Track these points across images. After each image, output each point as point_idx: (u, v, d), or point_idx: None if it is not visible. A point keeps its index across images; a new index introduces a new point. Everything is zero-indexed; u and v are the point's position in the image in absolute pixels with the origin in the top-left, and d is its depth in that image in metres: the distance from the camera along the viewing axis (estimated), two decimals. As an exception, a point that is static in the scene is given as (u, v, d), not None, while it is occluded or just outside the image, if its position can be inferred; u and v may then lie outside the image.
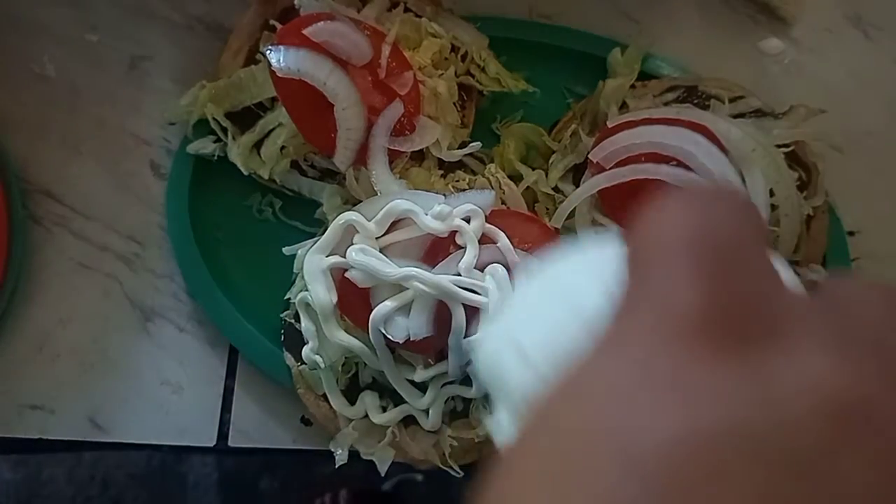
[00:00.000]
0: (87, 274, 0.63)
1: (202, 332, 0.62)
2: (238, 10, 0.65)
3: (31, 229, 0.63)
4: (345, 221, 0.52)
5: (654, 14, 0.73)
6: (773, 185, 0.53)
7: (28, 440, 0.58)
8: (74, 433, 0.59)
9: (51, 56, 0.68)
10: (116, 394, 0.60)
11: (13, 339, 0.61)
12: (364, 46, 0.57)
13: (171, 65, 0.69)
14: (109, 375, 0.60)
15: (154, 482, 0.59)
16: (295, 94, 0.56)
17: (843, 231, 0.63)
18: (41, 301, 0.62)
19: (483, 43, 0.64)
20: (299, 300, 0.53)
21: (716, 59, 0.70)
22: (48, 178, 0.65)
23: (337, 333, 0.51)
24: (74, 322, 0.61)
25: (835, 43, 0.73)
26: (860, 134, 0.61)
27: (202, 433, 0.59)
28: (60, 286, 0.62)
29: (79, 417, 0.59)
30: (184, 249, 0.62)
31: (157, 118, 0.66)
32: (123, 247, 0.64)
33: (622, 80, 0.62)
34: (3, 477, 0.59)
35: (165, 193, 0.64)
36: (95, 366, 0.60)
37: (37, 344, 0.61)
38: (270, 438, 0.59)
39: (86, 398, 0.59)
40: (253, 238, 0.63)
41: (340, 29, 0.57)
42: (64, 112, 0.67)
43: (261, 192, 0.64)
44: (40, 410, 0.59)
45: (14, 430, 0.59)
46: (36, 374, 0.60)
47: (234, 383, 0.61)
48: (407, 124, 0.58)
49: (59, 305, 0.62)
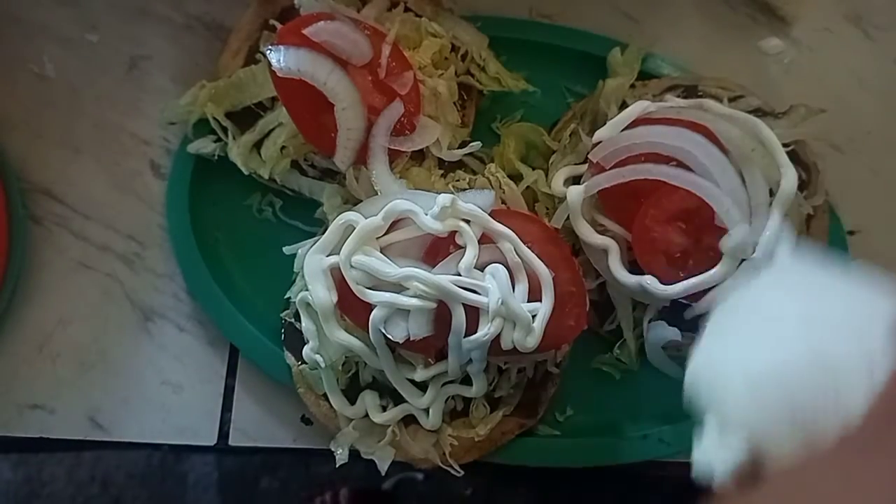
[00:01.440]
0: (87, 274, 0.63)
1: (202, 332, 0.62)
2: (238, 9, 0.65)
3: (31, 229, 0.63)
4: (345, 221, 0.52)
5: (654, 14, 0.73)
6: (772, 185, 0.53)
7: (28, 439, 0.59)
8: (75, 432, 0.59)
9: (50, 56, 0.68)
10: (116, 393, 0.60)
11: (13, 339, 0.61)
12: (364, 46, 0.57)
13: (171, 65, 0.69)
14: (109, 375, 0.60)
15: (154, 481, 0.59)
16: (295, 93, 0.56)
17: (843, 230, 0.63)
18: (41, 301, 0.62)
19: (483, 42, 0.64)
20: (299, 300, 0.53)
21: (716, 58, 0.70)
22: (48, 177, 0.65)
23: (337, 333, 0.51)
24: (75, 322, 0.62)
25: (835, 42, 0.73)
26: (860, 134, 0.61)
27: (202, 432, 0.59)
28: (60, 286, 0.62)
29: (79, 417, 0.59)
30: (184, 249, 0.62)
31: (156, 118, 0.66)
32: (123, 246, 0.64)
33: (622, 79, 0.62)
34: (3, 476, 0.59)
35: (165, 193, 0.64)
36: (95, 365, 0.60)
37: (37, 344, 0.61)
38: (271, 437, 0.59)
39: (86, 397, 0.60)
40: (253, 238, 0.63)
41: (340, 29, 0.57)
42: (64, 112, 0.67)
43: (261, 191, 0.64)
44: (40, 410, 0.59)
45: (14, 429, 0.59)
46: (36, 373, 0.60)
47: (234, 382, 0.61)
48: (407, 124, 0.58)
49: (59, 305, 0.62)
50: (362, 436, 0.54)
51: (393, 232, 0.52)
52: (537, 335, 0.49)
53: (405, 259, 0.51)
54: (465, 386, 0.52)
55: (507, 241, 0.51)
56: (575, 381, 0.58)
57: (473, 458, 0.55)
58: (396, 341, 0.49)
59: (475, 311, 0.49)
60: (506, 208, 0.57)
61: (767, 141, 0.55)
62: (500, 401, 0.55)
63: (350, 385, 0.54)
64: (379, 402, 0.54)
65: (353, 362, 0.54)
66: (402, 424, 0.54)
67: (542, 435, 0.58)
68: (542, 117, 0.65)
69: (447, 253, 0.51)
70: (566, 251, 0.54)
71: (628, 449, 0.57)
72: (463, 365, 0.51)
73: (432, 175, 0.58)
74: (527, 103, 0.66)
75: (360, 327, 0.51)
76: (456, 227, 0.50)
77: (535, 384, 0.56)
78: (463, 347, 0.49)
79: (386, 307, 0.49)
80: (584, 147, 0.59)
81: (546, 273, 0.51)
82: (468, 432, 0.54)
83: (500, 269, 0.50)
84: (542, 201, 0.59)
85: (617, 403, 0.59)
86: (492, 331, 0.48)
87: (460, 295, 0.48)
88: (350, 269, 0.50)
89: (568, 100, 0.66)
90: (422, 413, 0.53)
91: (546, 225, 0.56)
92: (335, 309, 0.51)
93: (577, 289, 0.52)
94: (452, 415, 0.54)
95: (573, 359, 0.58)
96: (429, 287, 0.48)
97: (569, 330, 0.51)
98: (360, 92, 0.56)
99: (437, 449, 0.54)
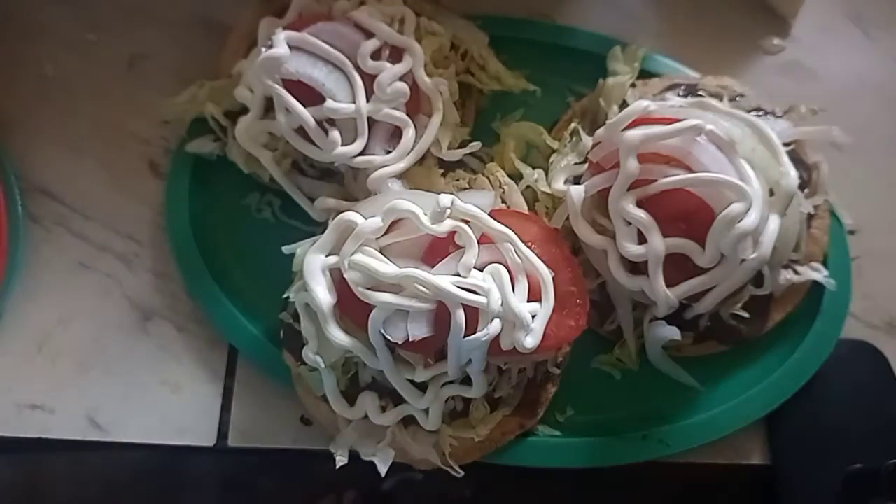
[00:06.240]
0: (86, 273, 0.63)
1: (201, 332, 0.61)
2: (237, 9, 0.65)
3: (31, 229, 0.63)
4: (345, 221, 0.52)
5: (654, 13, 0.73)
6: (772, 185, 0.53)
7: (28, 440, 0.58)
8: (74, 433, 0.59)
9: (50, 55, 0.68)
10: (116, 393, 0.60)
11: (13, 339, 0.61)
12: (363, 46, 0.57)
13: (171, 64, 0.69)
14: (109, 375, 0.60)
15: (153, 482, 0.59)
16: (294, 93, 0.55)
17: (844, 230, 0.63)
18: (41, 301, 0.62)
19: (483, 41, 0.64)
20: (299, 300, 0.53)
21: (716, 58, 0.70)
22: (47, 177, 0.65)
23: (336, 334, 0.50)
24: (74, 322, 0.61)
25: (835, 42, 0.73)
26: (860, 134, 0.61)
27: (201, 433, 0.59)
28: (60, 286, 0.62)
29: (78, 417, 0.59)
30: (183, 249, 0.62)
31: (156, 117, 0.66)
32: (123, 246, 0.64)
33: (622, 78, 0.62)
34: (3, 477, 0.59)
35: (165, 193, 0.64)
36: (95, 365, 0.60)
37: (36, 343, 0.61)
38: (270, 438, 0.59)
39: (85, 398, 0.59)
40: (252, 237, 0.63)
41: (339, 29, 0.57)
42: (63, 111, 0.67)
43: (260, 191, 0.64)
44: (40, 410, 0.59)
45: (14, 429, 0.58)
46: (35, 373, 0.60)
47: (233, 383, 0.60)
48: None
49: (58, 305, 0.62)
50: (362, 437, 0.54)
51: (393, 232, 0.52)
52: (537, 335, 0.49)
53: (405, 259, 0.51)
54: (465, 386, 0.52)
55: (506, 241, 0.51)
56: (575, 381, 0.58)
57: (473, 459, 0.55)
58: (396, 342, 0.49)
59: (475, 312, 0.48)
60: (506, 208, 0.57)
61: (767, 141, 0.55)
62: (500, 401, 0.55)
63: (350, 386, 0.54)
64: (378, 403, 0.53)
65: (352, 363, 0.54)
66: (401, 425, 0.54)
67: (542, 435, 0.58)
68: (542, 117, 0.65)
69: (447, 253, 0.50)
70: (566, 251, 0.54)
71: (628, 449, 0.57)
72: (463, 365, 0.50)
73: (432, 175, 0.58)
74: (527, 102, 0.66)
75: (360, 328, 0.51)
76: (456, 228, 0.50)
77: (535, 384, 0.56)
78: (462, 348, 0.49)
79: (385, 308, 0.49)
80: (584, 147, 0.59)
81: (546, 273, 0.51)
82: (468, 433, 0.54)
83: (500, 269, 0.50)
84: (542, 201, 0.59)
85: (617, 403, 0.59)
86: (491, 331, 0.48)
87: (459, 296, 0.48)
88: (349, 270, 0.49)
89: (568, 99, 0.66)
90: (421, 414, 0.53)
91: (546, 225, 0.56)
92: (335, 309, 0.51)
93: (578, 289, 0.52)
94: (452, 415, 0.54)
95: (573, 359, 0.58)
96: (428, 288, 0.48)
97: (569, 330, 0.51)
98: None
99: (437, 450, 0.54)
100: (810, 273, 0.59)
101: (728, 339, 0.58)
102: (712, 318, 0.57)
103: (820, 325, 0.60)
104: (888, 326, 0.64)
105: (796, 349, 0.60)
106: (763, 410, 0.59)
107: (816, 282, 0.59)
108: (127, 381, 0.60)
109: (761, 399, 0.59)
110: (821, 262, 0.60)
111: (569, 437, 0.58)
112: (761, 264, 0.53)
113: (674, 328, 0.56)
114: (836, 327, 0.60)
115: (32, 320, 0.61)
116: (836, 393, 0.60)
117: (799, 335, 0.60)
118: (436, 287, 0.48)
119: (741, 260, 0.52)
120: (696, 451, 0.58)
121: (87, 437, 0.59)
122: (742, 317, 0.57)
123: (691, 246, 0.51)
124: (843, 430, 0.59)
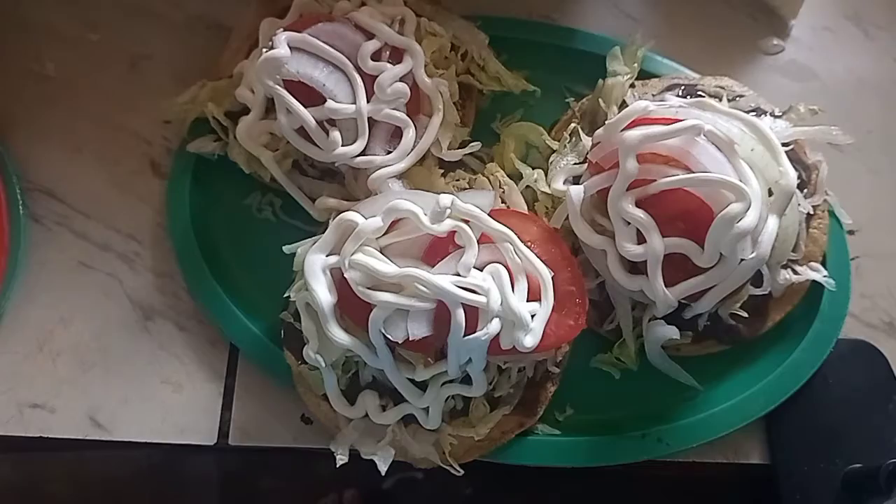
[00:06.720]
0: (87, 273, 0.63)
1: (202, 331, 0.62)
2: (238, 9, 0.65)
3: (32, 228, 0.64)
4: (345, 221, 0.52)
5: (654, 14, 0.73)
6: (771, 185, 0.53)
7: (29, 439, 0.59)
8: (75, 432, 0.59)
9: (51, 55, 0.69)
10: (117, 392, 0.60)
11: (14, 338, 0.61)
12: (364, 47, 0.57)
13: (172, 64, 0.69)
14: (110, 374, 0.60)
15: (154, 481, 0.59)
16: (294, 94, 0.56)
17: (843, 230, 0.63)
18: (42, 300, 0.62)
19: (483, 42, 0.64)
20: (300, 300, 0.53)
21: (716, 58, 0.70)
22: (48, 177, 0.65)
23: (337, 333, 0.51)
24: (75, 321, 0.62)
25: (835, 42, 0.73)
26: (860, 134, 0.62)
27: (202, 432, 0.59)
28: (61, 285, 0.62)
29: (79, 416, 0.59)
30: (184, 248, 0.62)
31: (157, 117, 0.66)
32: (124, 246, 0.64)
33: (622, 78, 0.62)
34: (4, 476, 0.59)
35: (166, 192, 0.64)
36: (96, 364, 0.60)
37: (37, 343, 0.61)
38: (271, 437, 0.59)
39: (86, 397, 0.60)
40: (253, 237, 0.63)
41: (340, 30, 0.57)
42: (64, 111, 0.67)
43: (261, 191, 0.64)
44: (41, 409, 0.59)
45: (15, 428, 0.59)
46: (36, 372, 0.60)
47: (234, 382, 0.61)
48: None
49: (59, 304, 0.62)
50: (362, 436, 0.54)
51: (393, 232, 0.52)
52: (537, 335, 0.49)
53: (405, 259, 0.51)
54: (465, 385, 0.52)
55: (506, 241, 0.51)
56: (574, 380, 0.58)
57: (473, 458, 0.55)
58: (396, 341, 0.49)
59: (475, 311, 0.49)
60: (505, 208, 0.57)
61: (767, 141, 0.55)
62: (500, 400, 0.55)
63: (350, 385, 0.54)
64: (379, 402, 0.54)
65: (353, 362, 0.54)
66: (401, 424, 0.54)
67: (542, 434, 0.58)
68: (542, 117, 0.65)
69: (447, 253, 0.51)
70: (565, 251, 0.54)
71: (627, 448, 0.57)
72: (462, 364, 0.51)
73: (432, 175, 0.59)
74: (527, 103, 0.67)
75: (360, 327, 0.51)
76: (456, 227, 0.50)
77: (534, 384, 0.56)
78: (462, 347, 0.49)
79: (386, 307, 0.49)
80: (584, 147, 0.59)
81: (545, 273, 0.51)
82: (468, 432, 0.54)
83: (500, 268, 0.50)
84: (542, 201, 0.59)
85: (616, 403, 0.60)
86: (491, 331, 0.48)
87: (459, 295, 0.48)
88: (350, 269, 0.50)
89: (568, 99, 0.66)
90: (422, 413, 0.53)
91: (546, 225, 0.56)
92: (335, 308, 0.51)
93: (577, 288, 0.52)
94: (452, 414, 0.54)
95: (573, 358, 0.58)
96: (428, 287, 0.48)
97: (568, 330, 0.51)
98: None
99: (437, 448, 0.54)
100: (809, 273, 0.59)
101: (727, 338, 0.59)
102: (711, 317, 0.57)
103: (819, 324, 0.60)
104: (887, 326, 0.64)
105: (795, 349, 0.60)
106: (762, 410, 0.59)
107: (816, 282, 0.59)
108: (128, 380, 0.60)
109: (760, 398, 0.59)
110: (820, 262, 0.60)
111: (568, 436, 0.58)
112: (760, 264, 0.53)
113: (673, 328, 0.56)
114: (835, 327, 0.60)
115: (34, 319, 0.61)
116: (836, 393, 0.60)
117: (798, 335, 0.60)
118: (436, 286, 0.48)
119: (740, 260, 0.52)
120: (695, 451, 0.58)
121: (89, 436, 0.59)
122: (741, 316, 0.57)
123: (690, 246, 0.51)
124: (843, 429, 0.59)
